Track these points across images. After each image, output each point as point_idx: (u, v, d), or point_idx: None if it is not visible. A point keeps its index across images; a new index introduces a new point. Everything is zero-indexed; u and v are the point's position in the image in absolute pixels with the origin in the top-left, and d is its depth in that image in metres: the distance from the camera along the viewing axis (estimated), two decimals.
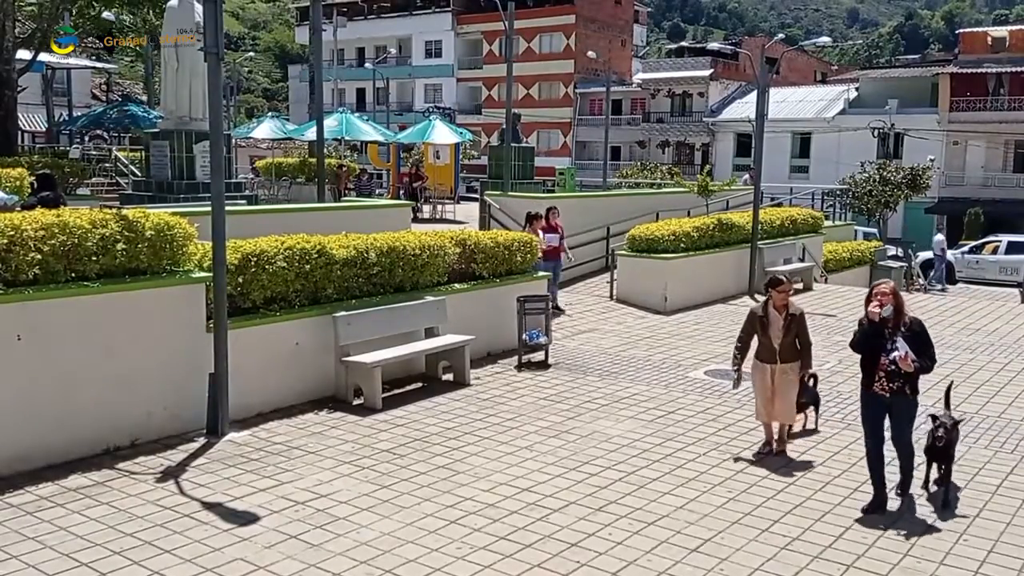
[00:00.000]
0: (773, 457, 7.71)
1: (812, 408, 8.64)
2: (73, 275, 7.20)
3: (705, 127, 54.68)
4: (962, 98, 45.04)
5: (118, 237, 7.39)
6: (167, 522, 6.04)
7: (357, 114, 35.16)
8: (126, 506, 6.28)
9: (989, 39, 48.60)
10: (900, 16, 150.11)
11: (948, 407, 7.42)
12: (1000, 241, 29.21)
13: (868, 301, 6.51)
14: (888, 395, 6.47)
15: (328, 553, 5.67)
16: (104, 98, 40.64)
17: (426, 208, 25.65)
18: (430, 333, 10.11)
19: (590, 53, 52.07)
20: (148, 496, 6.48)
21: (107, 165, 25.01)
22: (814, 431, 8.54)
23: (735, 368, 7.85)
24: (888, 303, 6.39)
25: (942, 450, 6.80)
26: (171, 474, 6.94)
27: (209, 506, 6.34)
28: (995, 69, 44.91)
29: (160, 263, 7.79)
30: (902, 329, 6.44)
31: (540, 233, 13.53)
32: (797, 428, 8.38)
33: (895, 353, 6.36)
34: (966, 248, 30.04)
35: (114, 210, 7.88)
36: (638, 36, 74.10)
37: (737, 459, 7.65)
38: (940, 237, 27.99)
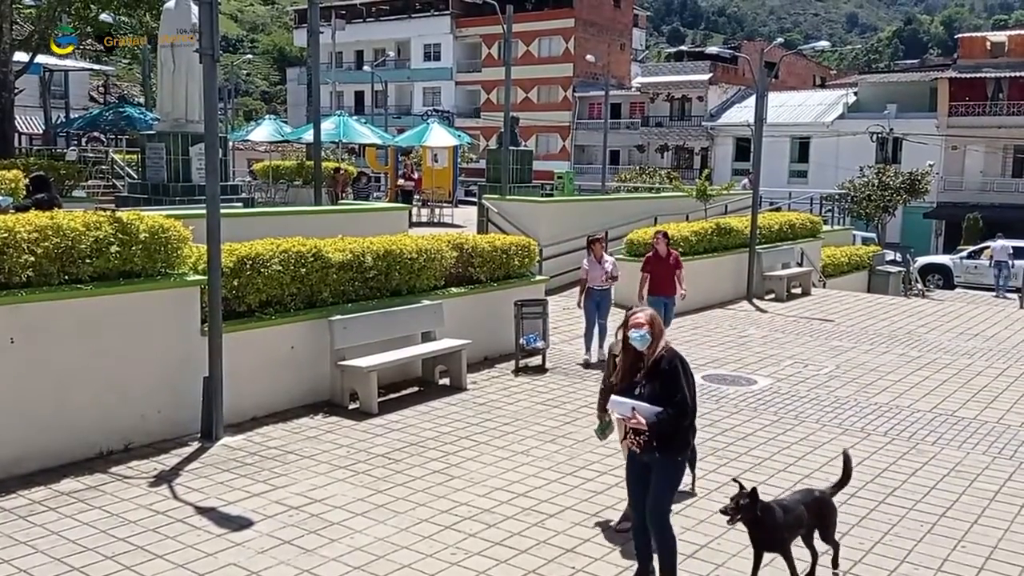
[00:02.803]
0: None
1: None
2: (67, 277, 7.16)
3: (704, 131, 54.72)
4: (961, 103, 45.08)
5: (112, 239, 7.35)
6: (160, 527, 6.00)
7: (355, 117, 35.20)
8: (119, 510, 6.24)
9: (988, 44, 48.61)
10: (899, 21, 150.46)
11: (846, 475, 5.80)
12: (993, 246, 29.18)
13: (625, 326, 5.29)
14: (640, 451, 5.11)
15: (322, 558, 5.63)
16: (102, 100, 40.61)
17: (423, 212, 25.60)
18: (427, 337, 10.07)
19: (589, 57, 51.99)
20: (141, 500, 6.44)
21: (103, 167, 24.96)
22: (690, 493, 6.83)
23: (600, 415, 6.10)
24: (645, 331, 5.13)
25: (757, 534, 5.25)
26: (164, 478, 6.90)
27: (202, 511, 6.30)
28: (994, 74, 44.96)
29: (154, 266, 7.75)
30: (644, 370, 5.09)
31: (593, 262, 11.26)
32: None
33: (616, 412, 5.20)
34: (964, 253, 30.03)
35: (108, 212, 7.85)
36: (637, 40, 74.16)
37: (605, 526, 6.28)
38: (1002, 243, 26.30)
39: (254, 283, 8.45)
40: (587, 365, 11.21)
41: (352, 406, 8.97)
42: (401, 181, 24.29)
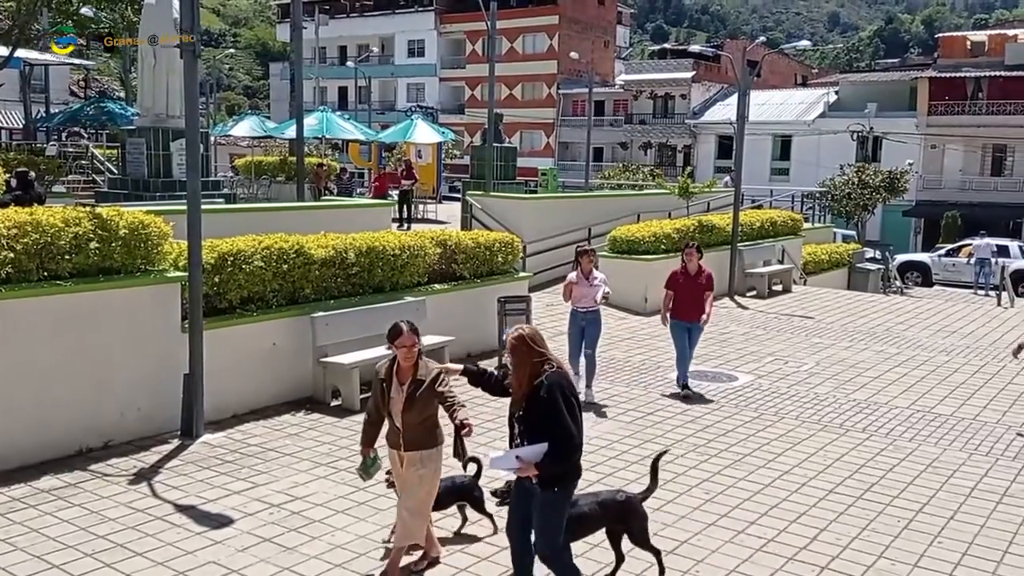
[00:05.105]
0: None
1: (471, 505, 6.03)
2: (46, 274, 7.12)
3: (687, 129, 54.90)
4: (941, 102, 45.45)
5: (91, 236, 7.31)
6: (139, 524, 5.98)
7: (339, 113, 35.05)
8: (98, 508, 6.22)
9: (968, 43, 49.08)
10: (880, 20, 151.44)
11: (654, 481, 5.48)
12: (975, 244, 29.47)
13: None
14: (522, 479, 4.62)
15: (302, 556, 5.62)
16: (82, 95, 40.22)
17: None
18: None
19: (573, 54, 52.00)
20: (121, 498, 6.41)
21: (84, 162, 24.75)
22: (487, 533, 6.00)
23: (364, 452, 5.42)
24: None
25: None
26: (144, 476, 6.87)
27: (182, 508, 6.27)
28: (974, 73, 45.35)
29: (134, 262, 7.71)
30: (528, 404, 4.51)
31: (581, 278, 9.54)
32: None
33: (500, 471, 4.72)
34: (943, 251, 30.34)
35: (88, 208, 7.80)
36: (621, 37, 74.27)
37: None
38: (982, 241, 26.21)
39: (236, 280, 8.42)
40: None
41: (334, 403, 8.96)
42: (406, 183, 23.14)
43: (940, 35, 56.60)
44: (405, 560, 5.45)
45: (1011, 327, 14.95)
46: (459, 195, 23.56)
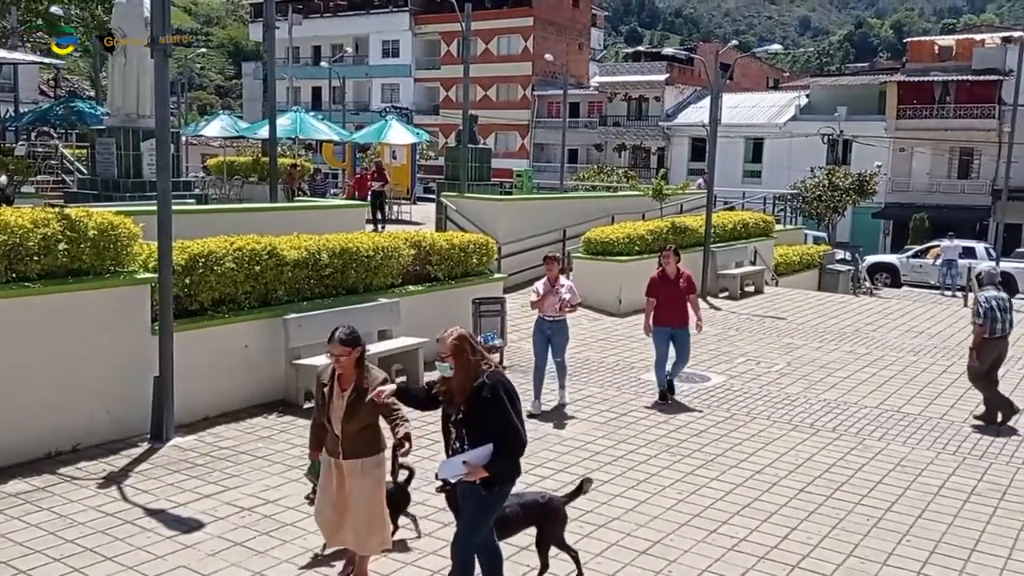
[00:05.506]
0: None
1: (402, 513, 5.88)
2: (14, 276, 7.02)
3: (661, 131, 55.21)
4: (909, 106, 46.11)
5: (60, 237, 7.22)
6: (109, 529, 5.91)
7: (312, 113, 34.85)
8: (67, 512, 6.14)
9: (936, 48, 49.84)
10: (850, 24, 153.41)
11: (578, 493, 5.54)
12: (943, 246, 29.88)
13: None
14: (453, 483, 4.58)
15: (274, 560, 5.59)
16: (52, 94, 39.72)
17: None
18: (383, 335, 10.03)
19: (548, 56, 52.10)
20: (90, 502, 6.33)
21: (53, 162, 24.41)
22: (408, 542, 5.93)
23: (312, 455, 5.39)
24: (448, 359, 4.46)
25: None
26: (114, 480, 6.79)
27: (152, 512, 6.21)
28: (941, 77, 46.04)
29: (103, 263, 7.62)
30: (470, 406, 4.47)
31: (549, 287, 9.28)
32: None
33: (450, 478, 4.51)
34: (911, 252, 30.77)
35: (57, 209, 7.71)
36: (595, 40, 74.55)
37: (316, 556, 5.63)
38: (950, 243, 26.83)
39: (207, 281, 8.35)
40: (530, 416, 8.46)
41: (307, 405, 8.87)
42: (375, 186, 22.66)
43: (909, 40, 57.34)
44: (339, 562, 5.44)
45: None
46: (433, 196, 23.51)
